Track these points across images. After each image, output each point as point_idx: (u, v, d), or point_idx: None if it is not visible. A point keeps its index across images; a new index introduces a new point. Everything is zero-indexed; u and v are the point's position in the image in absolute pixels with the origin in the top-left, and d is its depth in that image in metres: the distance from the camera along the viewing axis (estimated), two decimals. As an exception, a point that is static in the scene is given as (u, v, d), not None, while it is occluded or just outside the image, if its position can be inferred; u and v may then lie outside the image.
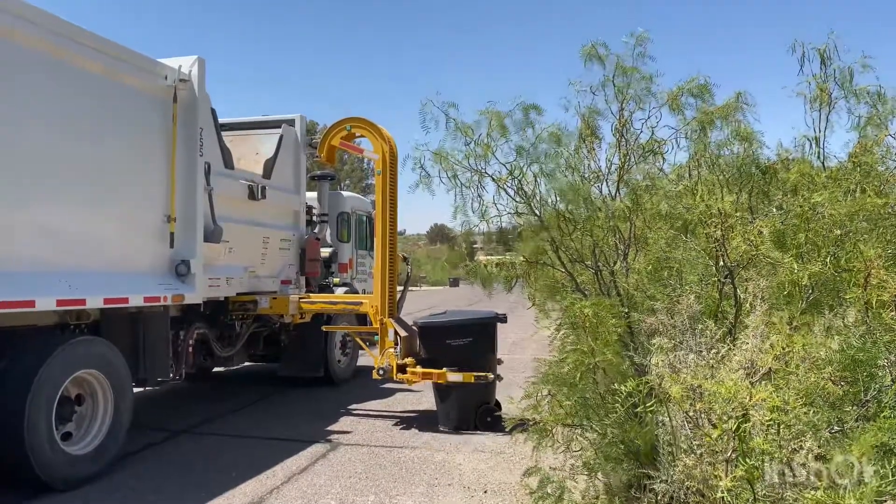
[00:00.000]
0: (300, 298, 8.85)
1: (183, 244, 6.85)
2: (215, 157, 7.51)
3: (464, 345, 7.56)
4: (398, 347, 7.89)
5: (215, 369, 10.05)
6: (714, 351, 3.31)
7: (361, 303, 8.76)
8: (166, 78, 6.73)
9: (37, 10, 5.37)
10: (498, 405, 7.53)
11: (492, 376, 7.46)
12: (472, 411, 7.45)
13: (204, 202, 7.16)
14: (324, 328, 9.07)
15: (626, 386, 3.26)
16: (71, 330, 6.05)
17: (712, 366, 3.13)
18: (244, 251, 8.33)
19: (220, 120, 7.84)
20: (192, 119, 6.98)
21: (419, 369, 7.63)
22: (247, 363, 9.84)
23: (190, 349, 7.57)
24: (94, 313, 6.25)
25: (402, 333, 7.94)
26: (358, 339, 9.08)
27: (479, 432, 7.27)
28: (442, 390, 7.62)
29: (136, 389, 6.63)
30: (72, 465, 5.50)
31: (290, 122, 9.78)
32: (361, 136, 8.62)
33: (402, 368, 7.72)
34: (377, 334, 8.29)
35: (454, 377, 7.39)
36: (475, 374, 7.35)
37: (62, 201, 5.62)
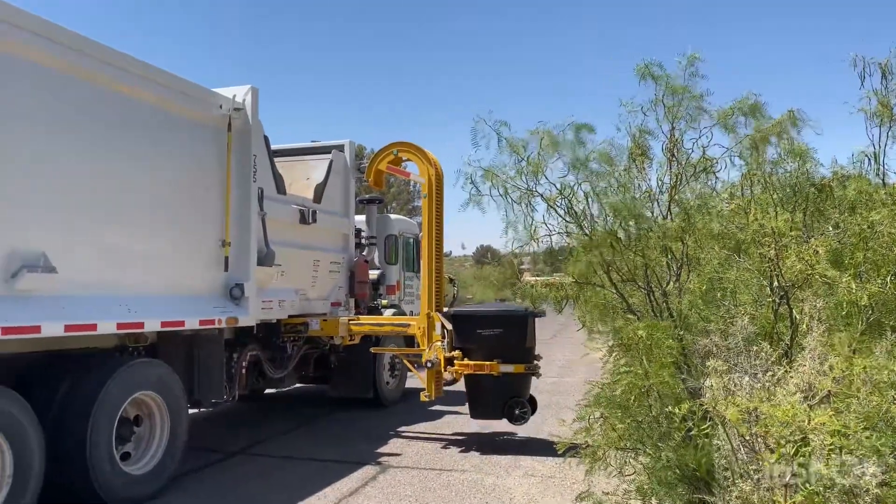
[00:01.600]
0: (349, 320, 8.94)
1: (237, 268, 7.01)
2: (268, 183, 7.68)
3: (494, 335, 7.70)
4: (445, 341, 8.00)
5: (267, 391, 10.19)
6: (770, 373, 3.24)
7: (409, 325, 8.80)
8: (221, 107, 6.93)
9: (106, 49, 5.62)
10: (532, 401, 7.75)
11: (540, 368, 7.69)
12: (501, 403, 7.62)
13: (257, 227, 7.31)
14: (372, 350, 9.13)
15: (679, 409, 3.21)
16: (129, 352, 6.23)
17: (768, 388, 3.07)
18: (296, 274, 8.47)
19: (273, 146, 8.02)
20: (245, 146, 7.17)
21: (468, 361, 7.73)
22: (298, 385, 9.95)
23: (243, 371, 7.72)
24: (151, 336, 6.42)
25: (449, 327, 8.02)
26: (406, 361, 9.11)
27: (528, 456, 7.21)
28: (473, 381, 7.78)
29: (191, 411, 6.76)
30: (130, 484, 5.63)
31: (340, 148, 9.95)
32: (408, 159, 8.75)
33: (450, 361, 7.84)
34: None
35: (506, 368, 7.55)
36: (526, 364, 7.55)
37: (123, 228, 5.82)
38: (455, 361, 7.80)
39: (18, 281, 4.77)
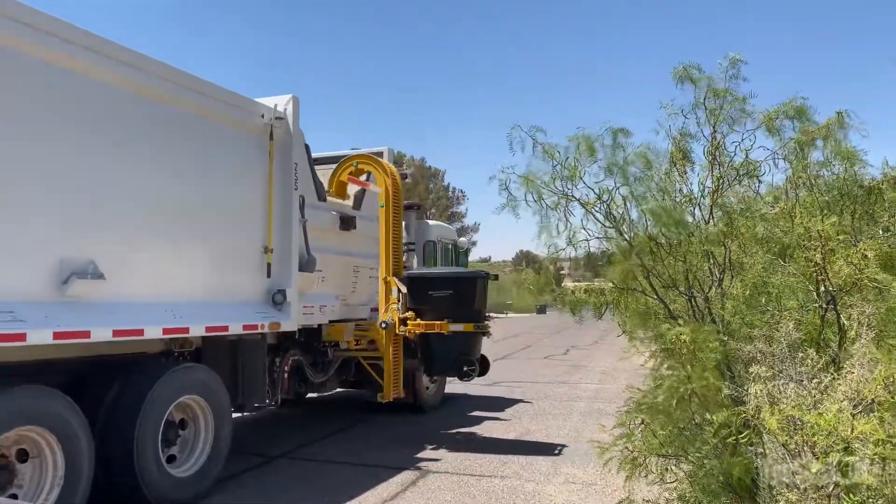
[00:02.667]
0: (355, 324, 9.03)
1: (279, 274, 7.11)
2: (309, 191, 7.79)
3: (445, 296, 8.17)
4: (400, 303, 8.43)
5: (309, 395, 10.30)
6: (816, 381, 3.17)
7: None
8: (263, 116, 7.05)
9: (155, 62, 5.78)
10: (484, 361, 8.49)
11: (491, 328, 8.34)
12: (452, 361, 8.19)
13: (299, 233, 7.41)
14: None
15: (717, 417, 3.16)
16: (175, 357, 6.37)
17: (814, 396, 3.00)
18: (336, 280, 8.56)
19: (313, 154, 8.13)
20: (287, 155, 7.28)
21: (419, 321, 8.19)
22: (338, 389, 10.03)
23: (285, 375, 7.83)
24: (196, 341, 6.55)
25: (404, 290, 8.43)
26: (364, 364, 9.02)
27: (568, 462, 7.16)
28: (425, 341, 8.28)
29: (234, 415, 6.87)
30: (176, 487, 5.75)
31: (379, 155, 10.03)
32: (368, 171, 9.05)
33: (403, 322, 8.30)
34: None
35: (455, 327, 8.07)
36: (476, 324, 8.14)
37: (169, 235, 5.95)
38: (408, 322, 8.24)
39: (69, 287, 4.92)
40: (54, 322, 4.74)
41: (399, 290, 8.49)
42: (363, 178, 9.19)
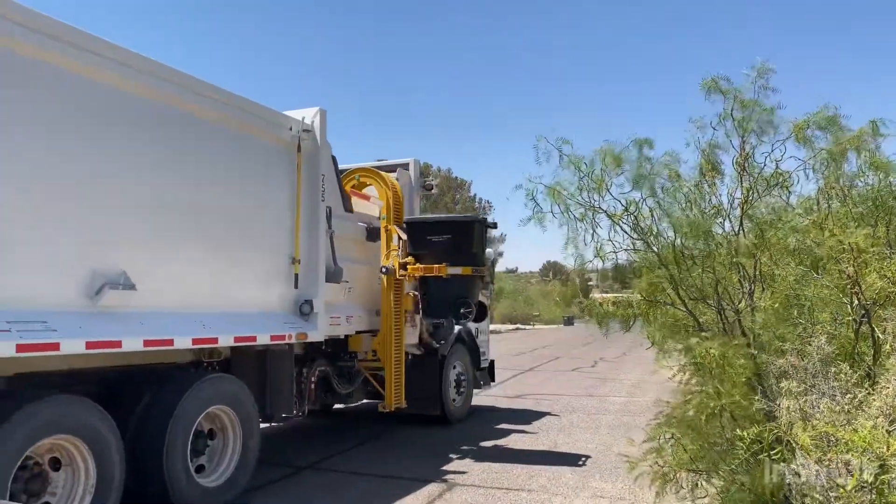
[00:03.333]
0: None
1: (306, 284, 7.16)
2: (336, 202, 7.84)
3: (443, 241, 8.44)
4: (400, 250, 8.60)
5: (336, 406, 10.33)
6: (850, 396, 3.10)
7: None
8: (291, 129, 7.13)
9: (186, 76, 5.88)
10: (482, 307, 8.69)
11: (487, 271, 8.45)
12: (450, 303, 8.41)
13: (326, 244, 7.46)
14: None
15: (748, 433, 3.11)
16: (204, 367, 6.43)
17: (848, 411, 2.94)
18: (363, 290, 8.59)
19: (340, 166, 8.20)
20: (314, 166, 7.34)
21: (419, 265, 8.39)
22: (365, 400, 10.05)
23: (312, 386, 7.85)
24: (224, 351, 6.61)
25: (404, 237, 8.60)
26: (367, 374, 8.99)
27: (597, 476, 7.08)
28: (424, 284, 8.55)
29: (261, 425, 6.91)
30: (204, 496, 5.79)
31: (405, 166, 10.08)
32: (370, 184, 9.12)
33: (403, 266, 8.45)
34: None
35: (454, 270, 8.30)
36: (473, 267, 8.32)
37: (199, 247, 6.02)
38: (408, 266, 8.40)
39: (101, 298, 5.00)
40: (87, 331, 4.81)
41: (399, 238, 8.65)
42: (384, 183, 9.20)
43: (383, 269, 8.55)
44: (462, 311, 8.37)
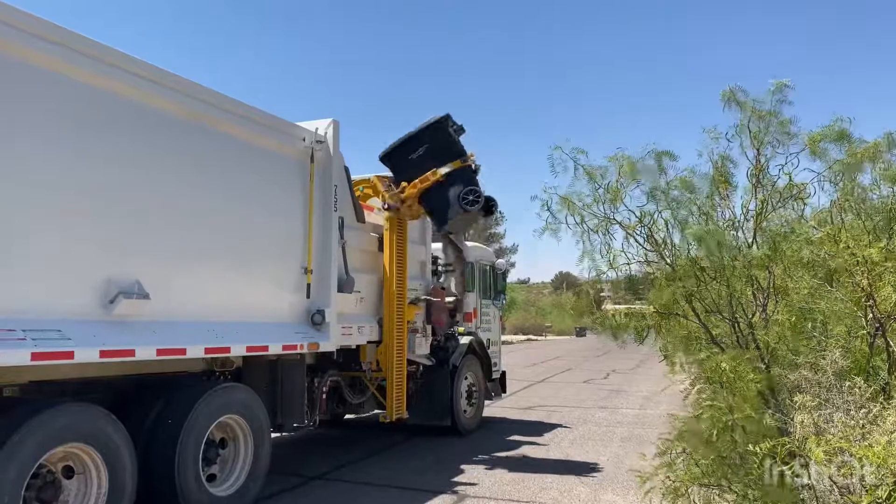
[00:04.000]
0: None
1: (318, 294, 7.18)
2: (348, 212, 7.88)
3: (423, 153, 8.36)
4: (393, 189, 8.65)
5: (347, 416, 10.33)
6: (864, 410, 3.07)
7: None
8: (304, 140, 7.17)
9: (204, 89, 5.94)
10: (489, 199, 8.47)
11: (473, 156, 8.43)
12: (457, 196, 8.27)
13: (338, 254, 7.49)
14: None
15: (761, 447, 3.08)
16: (216, 376, 6.45)
17: (863, 426, 2.91)
18: (374, 301, 8.61)
19: (352, 176, 8.23)
20: (327, 177, 7.38)
21: (413, 183, 8.36)
22: (377, 411, 10.05)
23: (323, 396, 7.86)
24: (236, 360, 6.63)
25: (392, 175, 8.71)
26: (367, 382, 8.95)
27: (609, 490, 7.04)
28: (427, 196, 8.44)
29: (273, 435, 6.92)
30: (215, 505, 5.79)
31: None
32: (372, 195, 9.08)
33: (401, 193, 8.48)
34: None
35: (444, 169, 8.28)
36: (461, 159, 8.33)
37: (213, 256, 6.06)
38: (405, 189, 8.41)
39: (115, 307, 5.03)
40: (101, 340, 4.85)
41: (389, 182, 8.70)
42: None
43: (387, 206, 8.58)
44: (470, 197, 8.24)
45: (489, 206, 8.67)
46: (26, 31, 4.52)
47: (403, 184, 8.46)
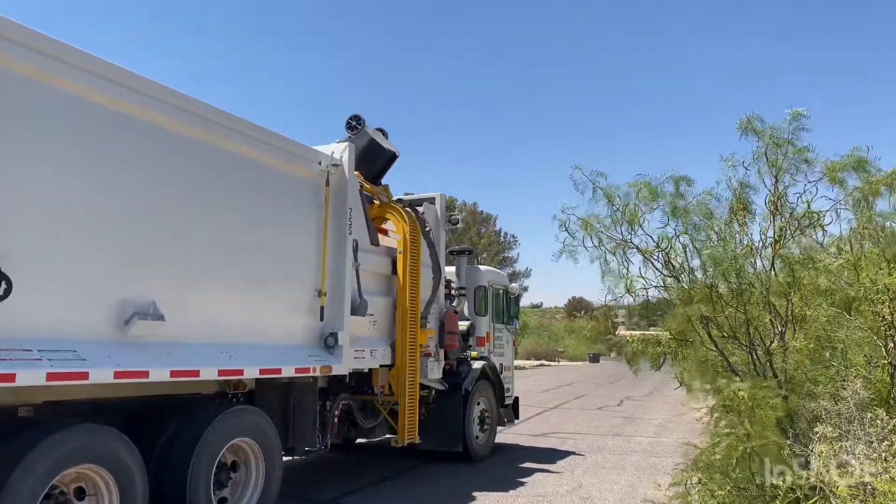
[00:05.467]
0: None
1: (331, 317, 7.17)
2: (362, 235, 7.89)
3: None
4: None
5: (358, 440, 10.27)
6: (886, 443, 3.01)
7: None
8: (320, 163, 7.21)
9: (218, 111, 5.99)
10: (356, 118, 8.65)
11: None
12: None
13: (351, 277, 7.49)
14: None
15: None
16: (229, 399, 6.43)
17: (886, 459, 2.85)
18: (387, 324, 8.58)
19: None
20: (342, 200, 7.41)
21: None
22: (388, 435, 9.99)
23: (335, 419, 7.81)
24: (249, 383, 6.62)
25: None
26: (378, 406, 8.90)
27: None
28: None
29: (284, 458, 6.87)
30: (226, 529, 5.75)
31: (431, 200, 10.13)
32: (388, 218, 9.07)
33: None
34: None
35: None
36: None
37: (227, 278, 6.07)
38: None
39: (130, 328, 5.05)
40: (115, 361, 4.85)
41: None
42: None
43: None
44: (353, 123, 8.62)
45: (380, 129, 8.95)
46: (46, 53, 4.58)
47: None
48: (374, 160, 8.87)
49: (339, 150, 7.50)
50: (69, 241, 4.73)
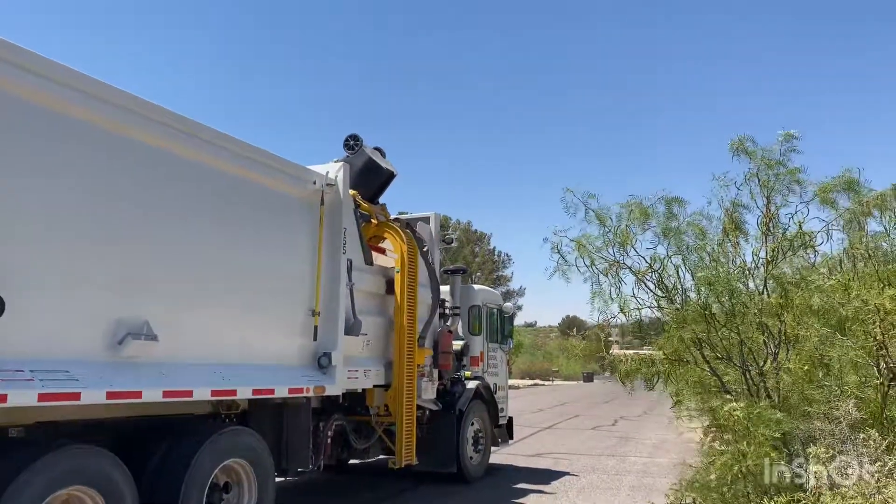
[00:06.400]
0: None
1: (325, 337, 7.14)
2: (357, 254, 7.88)
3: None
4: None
5: (351, 461, 10.20)
6: (879, 463, 3.02)
7: None
8: (315, 183, 7.22)
9: (212, 130, 6.00)
10: (354, 137, 8.74)
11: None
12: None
13: (345, 297, 7.47)
14: None
15: (779, 500, 3.02)
16: (222, 419, 6.39)
17: (878, 480, 2.85)
18: (381, 344, 8.56)
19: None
20: (336, 219, 7.41)
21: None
22: (382, 456, 9.93)
23: (329, 440, 7.76)
24: (242, 403, 6.57)
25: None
26: (375, 426, 8.82)
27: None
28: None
29: (277, 479, 6.82)
30: (217, 551, 5.69)
31: (426, 220, 10.15)
32: (386, 237, 9.10)
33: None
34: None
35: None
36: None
37: (221, 298, 6.05)
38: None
39: (124, 348, 5.02)
40: (108, 382, 4.82)
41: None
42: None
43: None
44: (350, 142, 8.65)
45: (378, 148, 8.96)
46: (33, 71, 4.58)
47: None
48: (372, 179, 8.89)
49: (334, 170, 7.52)
50: (62, 261, 4.72)
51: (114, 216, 5.10)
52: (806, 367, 4.33)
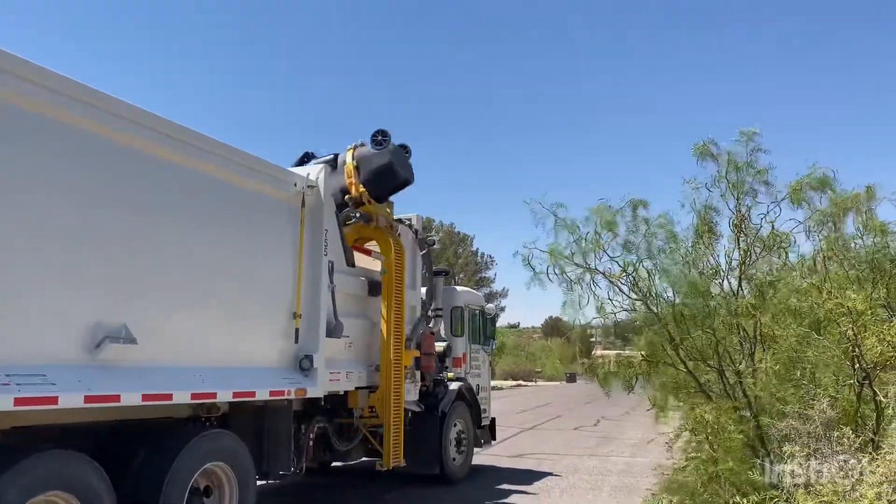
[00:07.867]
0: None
1: (307, 340, 7.12)
2: (338, 256, 7.86)
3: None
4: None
5: (334, 464, 10.18)
6: (853, 461, 3.07)
7: None
8: (296, 185, 7.20)
9: (193, 133, 5.97)
10: (382, 133, 8.58)
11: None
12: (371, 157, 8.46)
13: (327, 299, 7.46)
14: None
15: (750, 499, 3.06)
16: (202, 422, 6.36)
17: (852, 477, 2.90)
18: (363, 346, 8.55)
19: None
20: (317, 221, 7.40)
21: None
22: (364, 458, 9.91)
23: (311, 443, 7.74)
24: (223, 406, 6.54)
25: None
26: (363, 430, 8.85)
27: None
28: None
29: (258, 482, 6.79)
30: (198, 555, 5.66)
31: (408, 221, 10.14)
32: (371, 238, 9.10)
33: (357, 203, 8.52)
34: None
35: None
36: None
37: (201, 301, 6.01)
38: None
39: (101, 351, 4.98)
40: (86, 385, 4.78)
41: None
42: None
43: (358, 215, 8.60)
44: (379, 138, 8.50)
45: (404, 146, 8.88)
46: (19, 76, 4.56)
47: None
48: (385, 181, 8.82)
49: (315, 172, 7.50)
50: (38, 265, 4.67)
51: (92, 220, 5.06)
52: (777, 367, 4.39)
